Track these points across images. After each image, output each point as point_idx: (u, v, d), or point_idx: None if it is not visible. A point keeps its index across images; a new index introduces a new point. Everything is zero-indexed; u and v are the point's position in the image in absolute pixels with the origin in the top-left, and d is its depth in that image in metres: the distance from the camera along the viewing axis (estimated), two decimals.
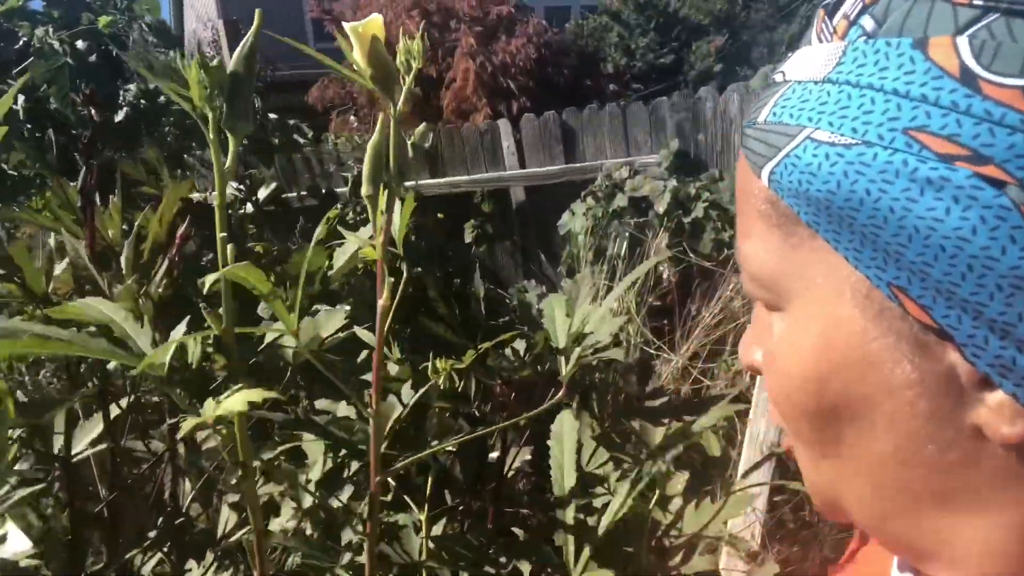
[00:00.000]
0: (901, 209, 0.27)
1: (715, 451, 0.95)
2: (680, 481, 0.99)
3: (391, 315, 0.65)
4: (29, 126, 1.71)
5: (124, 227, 0.87)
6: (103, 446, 0.83)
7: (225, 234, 0.54)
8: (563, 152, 3.15)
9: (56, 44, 1.88)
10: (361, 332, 1.01)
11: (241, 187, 2.00)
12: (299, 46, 0.55)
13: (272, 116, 2.54)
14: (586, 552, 0.56)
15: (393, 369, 1.13)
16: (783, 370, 0.33)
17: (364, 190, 0.55)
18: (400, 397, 1.07)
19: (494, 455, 1.28)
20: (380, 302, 0.58)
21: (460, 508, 1.20)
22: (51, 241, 0.81)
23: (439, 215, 2.91)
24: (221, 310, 0.60)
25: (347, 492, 0.97)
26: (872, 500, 0.32)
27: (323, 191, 2.44)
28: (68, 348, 0.51)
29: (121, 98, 1.91)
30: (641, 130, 2.97)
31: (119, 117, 1.84)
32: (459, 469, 1.25)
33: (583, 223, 2.96)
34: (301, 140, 2.21)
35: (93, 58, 1.93)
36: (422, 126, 0.58)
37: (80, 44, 1.91)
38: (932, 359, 0.28)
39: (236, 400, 0.50)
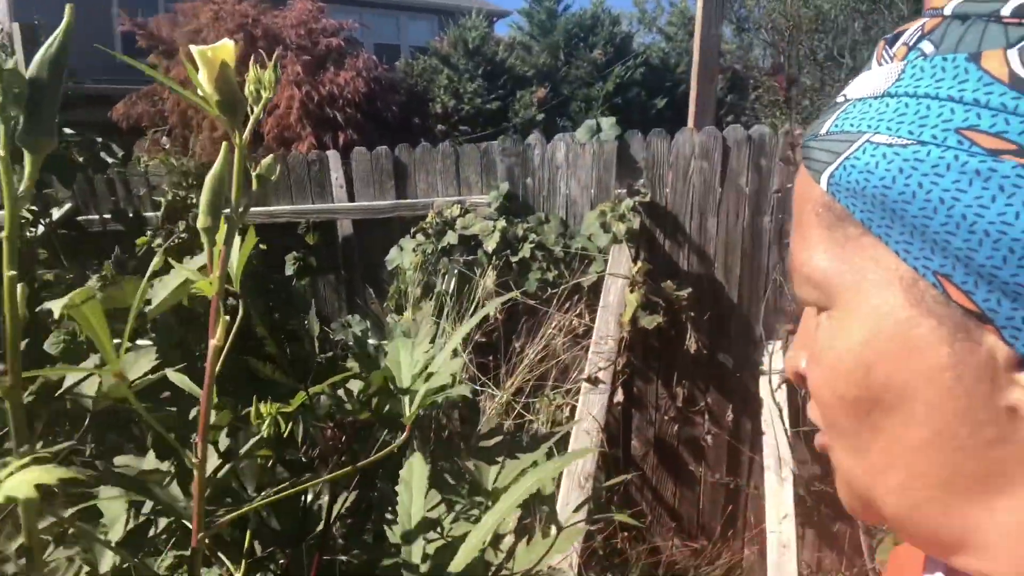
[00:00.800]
0: (950, 199, 0.29)
1: (548, 489, 0.97)
2: (511, 519, 1.00)
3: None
4: None
5: None
6: None
7: (14, 272, 0.47)
8: (394, 187, 3.14)
9: None
10: (174, 375, 0.93)
11: (32, 207, 1.79)
12: (130, 61, 0.50)
13: (68, 131, 2.30)
14: None
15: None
16: (829, 363, 0.34)
17: (201, 221, 0.50)
18: (217, 445, 0.99)
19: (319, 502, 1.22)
20: (213, 342, 0.53)
21: (279, 561, 1.13)
22: None
23: (261, 246, 2.78)
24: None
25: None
26: (905, 490, 0.33)
27: (130, 215, 2.24)
28: None
29: None
30: (472, 171, 3.03)
31: None
32: (276, 520, 1.17)
33: (412, 259, 2.95)
34: (109, 159, 2.02)
35: None
36: (269, 158, 0.55)
37: None
38: (972, 342, 0.30)
39: (22, 483, 0.42)
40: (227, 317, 0.51)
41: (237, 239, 0.51)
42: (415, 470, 0.63)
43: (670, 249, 2.86)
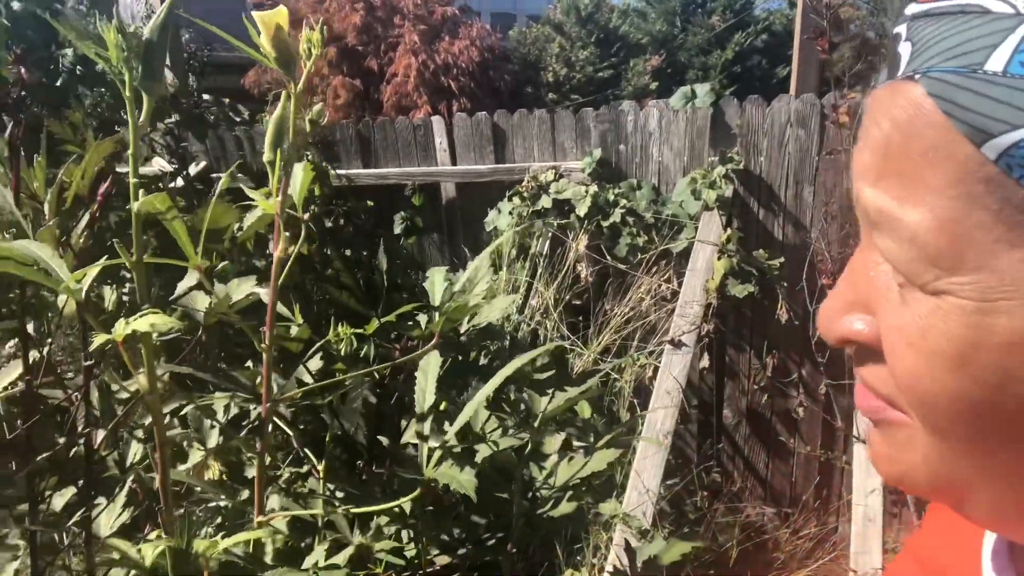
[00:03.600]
0: None
1: (585, 414, 1.07)
2: (556, 441, 1.11)
3: (293, 283, 0.74)
4: None
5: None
6: (20, 387, 0.89)
7: (136, 180, 0.62)
8: (493, 152, 3.27)
9: None
10: (265, 294, 1.10)
11: (172, 160, 2.03)
12: (212, 28, 0.64)
13: (206, 97, 2.57)
14: (437, 454, 0.67)
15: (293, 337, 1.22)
16: (939, 350, 0.28)
17: (266, 155, 0.63)
18: (304, 363, 1.15)
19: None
20: (276, 253, 0.67)
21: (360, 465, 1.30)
22: None
23: (369, 203, 2.99)
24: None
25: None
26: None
27: (255, 169, 2.48)
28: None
29: (60, 63, 1.94)
30: (568, 137, 3.11)
31: (58, 81, 1.86)
32: (363, 436, 1.34)
33: (508, 221, 3.08)
34: (236, 119, 2.25)
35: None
36: (319, 105, 0.67)
37: (16, 6, 1.92)
38: None
39: (143, 321, 0.58)
40: (288, 234, 0.64)
41: (299, 171, 0.64)
42: (431, 361, 0.75)
43: (764, 218, 2.85)
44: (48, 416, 0.98)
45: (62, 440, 0.99)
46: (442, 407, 1.01)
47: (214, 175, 2.80)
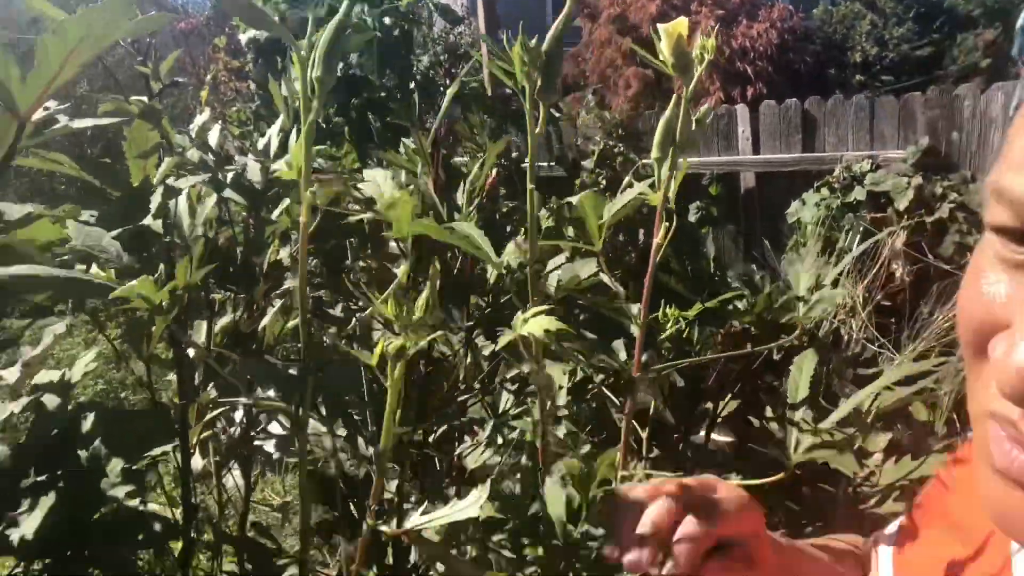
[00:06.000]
0: None
1: (921, 416, 1.05)
2: (882, 440, 1.09)
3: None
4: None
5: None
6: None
7: (533, 187, 0.73)
8: (801, 141, 3.15)
9: (369, 20, 2.26)
10: (606, 278, 1.22)
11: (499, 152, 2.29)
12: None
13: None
14: (806, 442, 0.70)
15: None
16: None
17: (654, 153, 0.70)
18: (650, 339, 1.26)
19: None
20: (655, 240, 0.75)
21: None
22: (402, 176, 1.09)
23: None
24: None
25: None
26: None
27: (570, 161, 2.68)
28: (453, 238, 0.75)
29: (415, 68, 2.28)
30: (888, 124, 2.89)
31: (411, 84, 2.20)
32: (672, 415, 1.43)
33: (814, 213, 2.95)
34: (556, 114, 2.45)
35: (396, 33, 2.30)
36: (705, 107, 0.73)
37: (386, 20, 2.28)
38: None
39: (536, 324, 0.65)
40: (667, 223, 0.70)
41: (680, 169, 0.70)
42: (808, 357, 0.78)
43: None
44: (439, 368, 1.18)
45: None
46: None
47: (523, 165, 3.05)
